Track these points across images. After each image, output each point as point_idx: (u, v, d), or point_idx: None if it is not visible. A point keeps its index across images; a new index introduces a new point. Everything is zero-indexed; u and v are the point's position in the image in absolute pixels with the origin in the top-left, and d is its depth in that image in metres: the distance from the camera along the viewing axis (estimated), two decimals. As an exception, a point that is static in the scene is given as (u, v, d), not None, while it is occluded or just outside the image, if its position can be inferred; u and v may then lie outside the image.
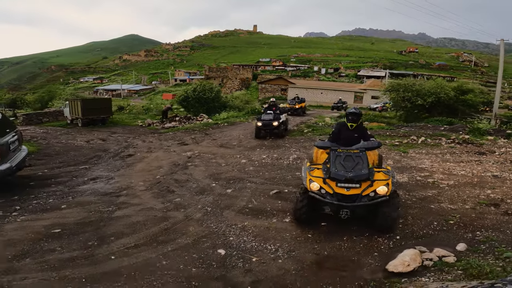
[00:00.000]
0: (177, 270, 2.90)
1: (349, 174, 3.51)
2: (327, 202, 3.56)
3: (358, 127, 4.46)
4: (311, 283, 2.71)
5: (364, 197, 3.52)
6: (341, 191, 3.53)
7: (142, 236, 3.65)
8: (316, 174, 3.76)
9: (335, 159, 3.69)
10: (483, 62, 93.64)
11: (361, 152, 3.73)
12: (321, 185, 3.61)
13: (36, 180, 6.25)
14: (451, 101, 17.76)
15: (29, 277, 2.76)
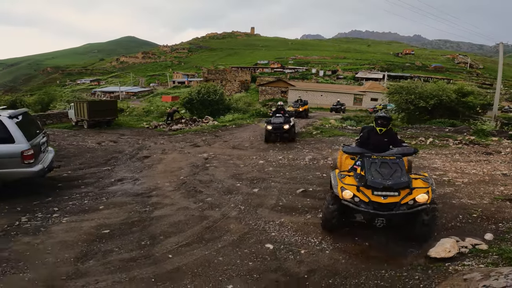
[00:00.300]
0: (235, 265, 3.07)
1: (387, 182, 3.35)
2: (362, 210, 3.40)
3: (387, 132, 4.30)
4: (363, 269, 2.94)
5: (403, 205, 3.36)
6: (377, 199, 3.38)
7: (189, 235, 3.79)
8: (348, 181, 3.60)
9: (370, 166, 3.53)
10: (478, 64, 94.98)
11: (398, 159, 3.59)
12: (354, 193, 3.45)
13: (63, 181, 6.37)
14: (452, 103, 18.16)
15: (100, 279, 2.84)
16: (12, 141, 4.85)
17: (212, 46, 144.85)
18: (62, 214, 4.46)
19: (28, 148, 4.96)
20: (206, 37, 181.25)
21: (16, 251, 3.29)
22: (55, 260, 3.13)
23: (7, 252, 3.25)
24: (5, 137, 4.83)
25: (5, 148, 4.84)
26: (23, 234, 3.73)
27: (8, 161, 4.82)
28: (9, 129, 4.84)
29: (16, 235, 3.68)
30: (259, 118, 19.64)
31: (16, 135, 4.87)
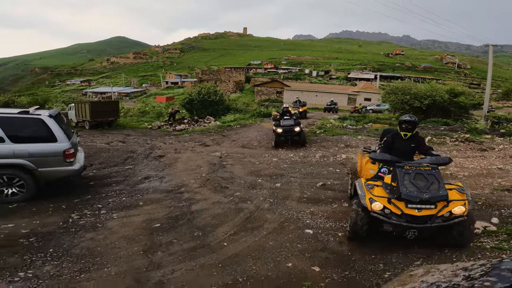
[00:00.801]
0: (286, 248, 3.48)
1: (424, 196, 3.17)
2: (393, 223, 3.26)
3: (413, 137, 4.01)
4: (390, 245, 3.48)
5: (439, 217, 3.25)
6: (411, 212, 3.23)
7: (233, 225, 4.17)
8: (377, 192, 3.44)
9: (403, 177, 3.31)
10: (466, 64, 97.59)
11: (433, 170, 3.39)
12: (385, 205, 3.30)
13: (92, 180, 6.68)
14: (445, 103, 19.01)
15: (175, 269, 3.07)
16: (54, 140, 5.11)
17: (205, 47, 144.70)
18: (108, 211, 4.73)
19: (70, 147, 5.26)
20: (198, 37, 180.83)
21: (87, 248, 3.51)
22: (127, 253, 3.38)
23: (78, 249, 3.45)
24: (48, 136, 5.08)
25: (48, 147, 5.10)
26: (84, 230, 3.96)
27: (52, 160, 5.09)
28: (51, 129, 5.10)
29: (77, 232, 3.92)
30: (261, 118, 20.10)
31: (58, 134, 5.13)
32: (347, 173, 7.38)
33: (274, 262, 3.16)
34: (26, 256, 3.25)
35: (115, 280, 2.87)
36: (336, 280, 2.86)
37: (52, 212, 4.62)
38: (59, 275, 2.92)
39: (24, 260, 3.17)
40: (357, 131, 14.68)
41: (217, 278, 2.89)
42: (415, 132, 4.04)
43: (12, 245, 3.49)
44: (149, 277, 2.91)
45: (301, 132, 10.73)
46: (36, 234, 3.79)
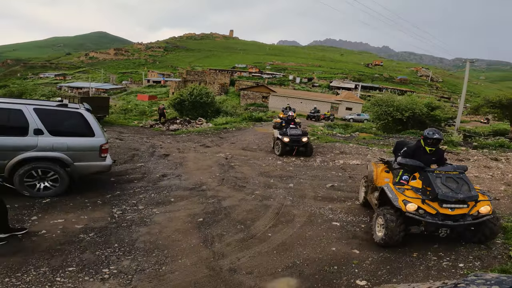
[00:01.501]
0: (324, 236, 4.05)
1: (459, 196, 3.52)
2: (429, 222, 3.55)
3: (436, 151, 4.36)
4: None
5: (470, 216, 3.60)
6: (445, 211, 3.55)
7: (268, 219, 4.64)
8: (409, 194, 3.75)
9: (435, 180, 3.66)
10: (438, 77, 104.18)
11: (461, 174, 3.80)
12: (419, 205, 3.60)
13: (112, 176, 6.86)
14: (423, 116, 20.61)
15: (239, 257, 3.43)
16: (92, 135, 5.27)
17: (190, 47, 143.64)
18: (146, 206, 4.98)
19: (106, 142, 5.47)
20: (183, 37, 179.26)
21: (149, 241, 3.70)
22: (189, 245, 3.67)
23: (141, 243, 3.65)
24: (86, 130, 5.21)
25: (86, 142, 5.23)
26: (136, 225, 4.14)
27: (88, 155, 5.23)
28: (90, 123, 5.26)
29: (130, 227, 4.14)
30: (253, 123, 20.66)
31: (96, 129, 5.29)
32: (349, 176, 8.08)
33: (320, 248, 3.70)
34: (98, 252, 3.42)
35: (194, 270, 3.16)
36: (376, 259, 3.48)
37: (92, 208, 4.80)
38: (143, 269, 3.12)
39: (98, 256, 3.33)
40: (347, 139, 15.63)
41: (278, 262, 3.36)
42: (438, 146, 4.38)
43: (75, 240, 3.65)
44: (221, 265, 3.26)
45: (308, 143, 10.33)
46: (92, 229, 3.98)
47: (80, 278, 2.91)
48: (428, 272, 3.19)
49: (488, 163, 10.61)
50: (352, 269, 3.24)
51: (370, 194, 4.96)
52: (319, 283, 2.97)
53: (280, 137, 10.27)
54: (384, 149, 12.64)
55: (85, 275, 2.97)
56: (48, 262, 3.14)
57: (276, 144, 10.61)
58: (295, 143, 10.06)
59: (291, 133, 10.15)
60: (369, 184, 5.09)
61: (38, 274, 2.91)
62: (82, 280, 2.88)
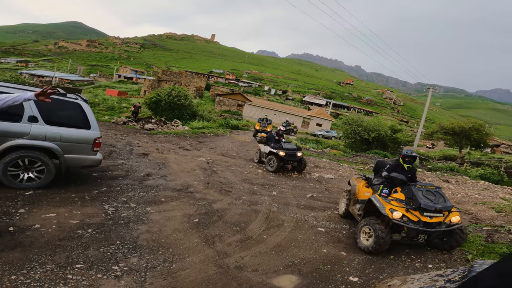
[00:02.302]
0: (314, 240, 4.41)
1: (438, 205, 4.07)
2: (412, 228, 4.02)
3: (412, 169, 5.00)
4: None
5: (444, 224, 4.15)
6: (425, 219, 4.07)
7: (260, 222, 4.90)
8: (395, 204, 4.26)
9: (417, 193, 4.21)
10: (400, 101, 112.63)
11: (438, 188, 4.42)
12: (404, 213, 4.09)
13: (94, 172, 6.70)
14: (386, 138, 22.36)
15: (242, 256, 3.64)
16: (88, 127, 5.16)
17: (168, 46, 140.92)
18: (138, 205, 4.96)
19: (100, 136, 5.38)
20: (163, 36, 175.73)
21: (151, 239, 3.75)
22: (192, 244, 3.77)
23: (144, 241, 3.69)
24: (83, 122, 5.09)
25: (81, 134, 5.10)
26: (133, 223, 4.13)
27: (81, 147, 5.09)
28: (87, 115, 5.17)
29: (128, 224, 4.13)
30: (230, 130, 20.88)
31: (92, 122, 5.20)
32: (325, 189, 8.63)
33: (312, 249, 4.06)
34: (102, 249, 3.39)
35: (203, 267, 3.29)
36: (361, 260, 3.92)
37: (82, 203, 4.69)
38: (153, 267, 3.17)
39: (103, 253, 3.32)
40: (319, 154, 16.48)
41: (278, 261, 3.64)
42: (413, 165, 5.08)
43: (74, 236, 3.59)
44: (227, 264, 3.44)
45: (302, 158, 9.98)
46: (89, 225, 3.93)
47: (92, 276, 2.89)
48: (406, 270, 3.69)
49: (440, 184, 11.88)
50: (344, 268, 3.64)
51: (352, 206, 5.47)
52: (317, 280, 3.30)
53: (275, 151, 9.65)
54: (353, 166, 13.55)
55: (96, 272, 2.96)
56: (52, 258, 3.08)
57: (269, 159, 9.82)
58: (291, 158, 9.57)
59: (287, 148, 9.69)
60: (351, 197, 5.57)
61: (46, 271, 2.85)
62: (96, 278, 2.87)
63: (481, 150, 32.03)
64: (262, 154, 10.83)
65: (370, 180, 5.57)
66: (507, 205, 7.94)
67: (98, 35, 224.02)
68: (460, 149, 26.10)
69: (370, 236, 4.18)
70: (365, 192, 5.37)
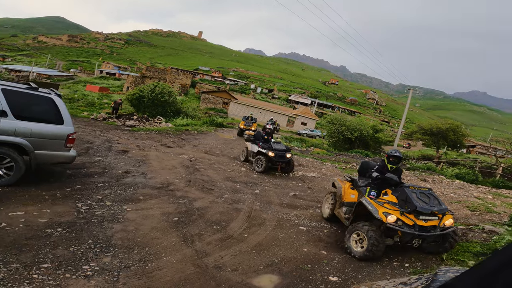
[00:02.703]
0: (295, 238, 4.38)
1: (434, 208, 3.86)
2: (406, 232, 3.78)
3: (397, 169, 4.82)
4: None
5: (439, 227, 3.96)
6: (421, 223, 3.84)
7: (242, 221, 4.83)
8: (389, 207, 4.00)
9: (411, 195, 3.95)
10: (382, 101, 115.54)
11: (430, 190, 4.21)
12: (398, 217, 3.85)
13: (69, 169, 6.40)
14: (368, 137, 22.85)
15: (222, 255, 3.58)
16: (61, 123, 4.93)
17: (154, 43, 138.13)
18: (114, 203, 4.78)
19: (74, 132, 5.14)
20: (149, 32, 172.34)
21: (126, 238, 3.62)
22: (170, 244, 3.67)
23: (119, 240, 3.56)
24: (55, 117, 4.85)
25: (53, 129, 4.86)
26: (108, 222, 4.01)
27: (53, 143, 4.85)
28: (60, 110, 4.92)
29: (102, 223, 3.96)
30: (214, 127, 20.66)
31: (65, 117, 4.96)
32: (308, 187, 8.64)
33: (293, 248, 4.02)
34: (72, 248, 3.25)
35: (181, 267, 3.20)
36: (341, 259, 3.92)
37: (52, 201, 4.47)
38: (127, 266, 3.06)
39: (73, 252, 3.17)
40: (303, 153, 16.60)
41: (258, 260, 3.57)
42: (399, 165, 4.85)
43: (42, 235, 3.42)
44: (206, 263, 3.35)
45: (290, 160, 9.72)
46: (59, 224, 3.75)
47: (60, 276, 2.76)
48: (384, 270, 3.72)
49: (418, 183, 12.23)
50: (324, 267, 3.62)
51: (338, 209, 5.18)
52: (297, 279, 3.26)
53: (264, 151, 9.37)
54: (336, 165, 13.72)
55: (64, 272, 2.82)
56: (17, 257, 2.92)
57: (258, 159, 9.49)
58: (280, 159, 9.34)
59: (276, 148, 9.42)
60: (337, 199, 5.28)
61: (10, 271, 2.70)
62: (63, 278, 2.74)
63: (457, 151, 33.37)
64: (249, 152, 10.50)
65: (355, 182, 5.31)
66: (481, 204, 8.24)
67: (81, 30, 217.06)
68: (437, 149, 27.04)
69: (361, 242, 3.95)
70: (351, 194, 5.16)
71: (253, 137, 10.85)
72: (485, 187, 13.12)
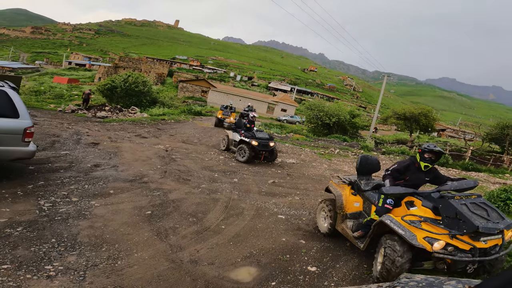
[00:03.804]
0: (273, 228, 4.30)
1: (500, 226, 2.80)
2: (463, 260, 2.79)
3: (432, 169, 3.54)
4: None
5: (501, 247, 2.94)
6: (480, 245, 2.81)
7: (219, 212, 4.69)
8: (429, 228, 2.90)
9: (462, 209, 2.84)
10: (359, 88, 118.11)
11: (481, 197, 3.09)
12: (448, 241, 2.81)
13: (31, 165, 5.93)
14: (345, 122, 23.29)
15: (197, 248, 3.43)
16: (16, 116, 4.54)
17: (127, 32, 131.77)
18: (81, 199, 4.49)
19: (32, 125, 4.74)
20: (121, 22, 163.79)
21: (94, 235, 3.43)
22: (142, 239, 3.50)
23: (85, 238, 3.36)
24: (9, 111, 4.47)
25: (8, 123, 4.47)
26: (73, 219, 3.76)
27: (9, 138, 4.46)
28: (14, 103, 4.52)
29: (67, 220, 3.70)
30: (192, 116, 20.16)
31: (21, 110, 4.58)
32: (287, 174, 8.62)
33: (271, 238, 3.94)
34: (33, 248, 3.02)
35: (154, 263, 3.04)
36: (320, 248, 3.87)
37: (13, 199, 4.12)
38: (95, 265, 2.89)
39: (34, 252, 2.95)
40: (283, 139, 16.62)
41: (236, 252, 3.47)
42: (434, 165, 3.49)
43: (1, 236, 3.15)
44: (181, 258, 3.21)
45: (274, 148, 9.43)
46: (19, 223, 3.46)
47: (21, 276, 2.56)
48: (361, 258, 3.71)
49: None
50: (302, 257, 3.56)
51: (342, 224, 3.97)
52: (276, 271, 3.19)
53: (247, 140, 9.01)
54: (315, 150, 13.86)
55: (25, 273, 2.63)
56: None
57: (240, 148, 9.16)
58: (263, 148, 9.03)
59: (260, 137, 9.07)
60: (338, 211, 4.03)
61: None
62: (24, 279, 2.54)
63: (428, 134, 34.88)
64: (230, 141, 10.18)
65: (357, 185, 4.10)
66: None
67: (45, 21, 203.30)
68: (410, 133, 28.08)
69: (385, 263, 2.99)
70: (354, 203, 4.01)
71: (234, 125, 10.51)
72: (455, 170, 13.79)
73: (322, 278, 3.18)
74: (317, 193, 6.80)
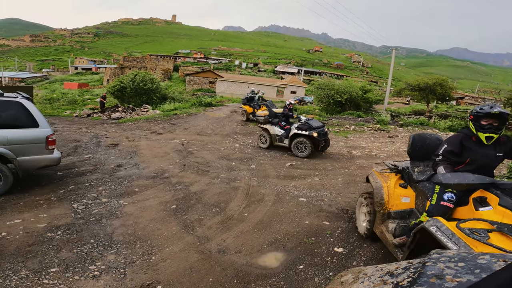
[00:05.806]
0: (296, 211, 4.37)
1: None
2: None
3: (500, 141, 2.51)
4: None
5: None
6: None
7: (240, 200, 4.80)
8: (506, 244, 1.76)
9: None
10: (368, 63, 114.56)
11: None
12: None
13: (58, 170, 6.24)
14: (358, 98, 22.80)
15: (224, 238, 3.54)
16: (36, 126, 4.76)
17: (126, 32, 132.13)
18: (110, 199, 4.69)
19: (52, 133, 4.96)
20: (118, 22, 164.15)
21: (127, 233, 3.60)
22: (171, 233, 3.64)
23: (120, 236, 3.53)
24: (29, 121, 4.70)
25: (30, 133, 4.71)
26: (106, 219, 3.94)
27: (33, 148, 4.72)
28: (32, 113, 4.73)
29: (101, 221, 3.89)
30: (204, 108, 20.27)
31: (39, 119, 4.79)
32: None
33: (295, 222, 4.02)
34: (75, 250, 3.20)
35: (184, 256, 3.17)
36: (345, 228, 3.92)
37: (48, 205, 4.38)
38: (132, 262, 3.02)
39: (77, 254, 3.14)
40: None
41: (261, 239, 3.56)
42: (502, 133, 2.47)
43: (44, 240, 3.37)
44: (209, 248, 3.32)
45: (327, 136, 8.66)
46: (58, 227, 3.68)
47: (69, 278, 2.73)
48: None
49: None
50: (328, 239, 3.61)
51: (381, 226, 3.13)
52: (302, 254, 3.26)
53: (306, 133, 8.09)
54: (330, 129, 13.71)
55: (73, 274, 2.80)
56: (24, 265, 2.89)
57: (299, 142, 8.23)
58: (322, 137, 8.20)
59: (316, 126, 8.17)
60: (377, 208, 3.20)
61: (21, 278, 2.69)
62: (73, 280, 2.71)
63: (446, 103, 33.66)
64: (273, 137, 9.07)
65: (407, 173, 3.23)
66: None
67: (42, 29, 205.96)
68: (427, 104, 27.22)
69: None
70: (402, 197, 3.10)
71: (270, 118, 9.61)
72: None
73: (350, 259, 3.22)
74: (336, 172, 6.81)
